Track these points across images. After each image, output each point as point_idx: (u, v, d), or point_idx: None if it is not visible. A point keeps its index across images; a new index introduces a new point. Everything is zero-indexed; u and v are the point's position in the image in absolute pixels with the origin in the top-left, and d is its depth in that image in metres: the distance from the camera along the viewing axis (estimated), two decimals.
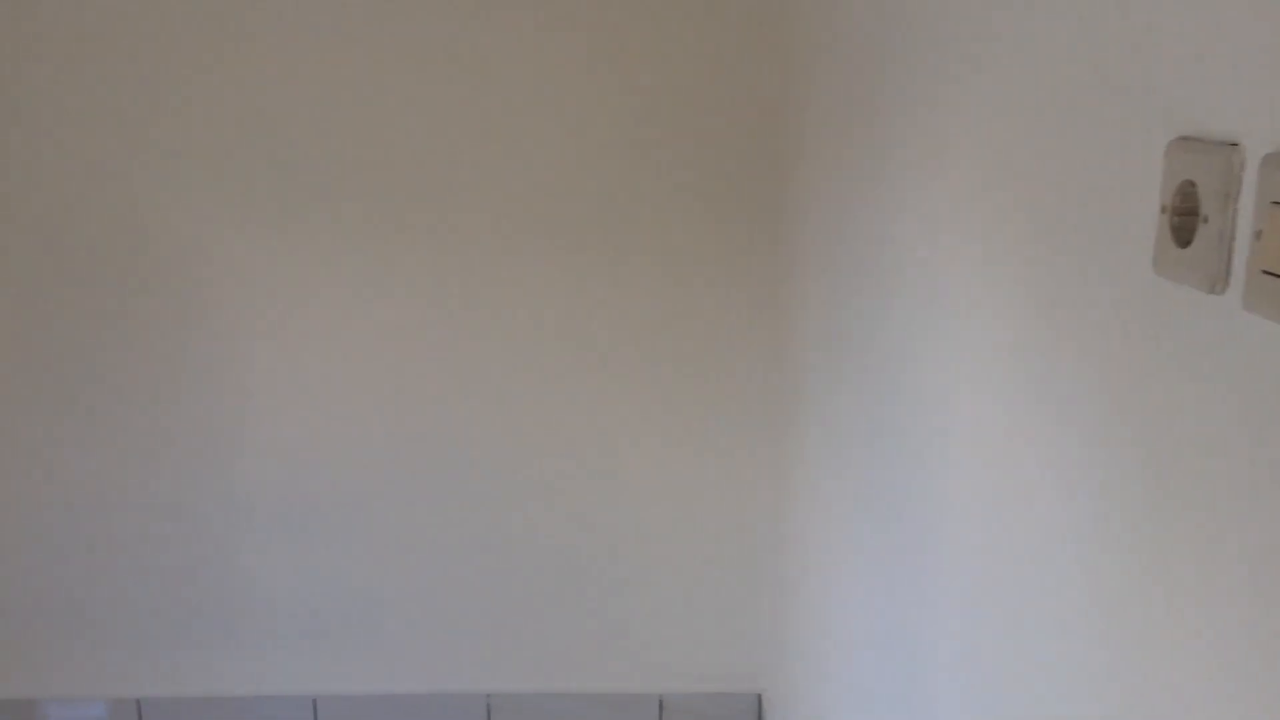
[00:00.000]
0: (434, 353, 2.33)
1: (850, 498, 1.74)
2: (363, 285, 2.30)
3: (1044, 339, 0.96)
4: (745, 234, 2.28)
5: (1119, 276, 0.82)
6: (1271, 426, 0.64)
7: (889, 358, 1.48)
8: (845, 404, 1.75)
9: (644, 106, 2.23)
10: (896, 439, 1.45)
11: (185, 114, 2.22)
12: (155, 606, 2.46)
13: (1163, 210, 0.74)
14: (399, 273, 2.29)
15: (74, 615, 2.46)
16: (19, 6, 2.16)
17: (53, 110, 2.21)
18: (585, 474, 2.39)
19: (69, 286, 2.29)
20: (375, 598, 2.46)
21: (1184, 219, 0.71)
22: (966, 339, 1.17)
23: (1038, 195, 0.97)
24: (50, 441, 2.37)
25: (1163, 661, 0.77)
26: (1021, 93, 1.00)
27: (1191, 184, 0.71)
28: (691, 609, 2.46)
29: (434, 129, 2.23)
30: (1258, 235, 0.63)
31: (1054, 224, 0.94)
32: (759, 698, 2.49)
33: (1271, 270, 0.61)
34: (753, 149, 2.24)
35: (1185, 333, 0.73)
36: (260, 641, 2.48)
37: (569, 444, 2.38)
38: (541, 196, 2.26)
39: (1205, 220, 0.69)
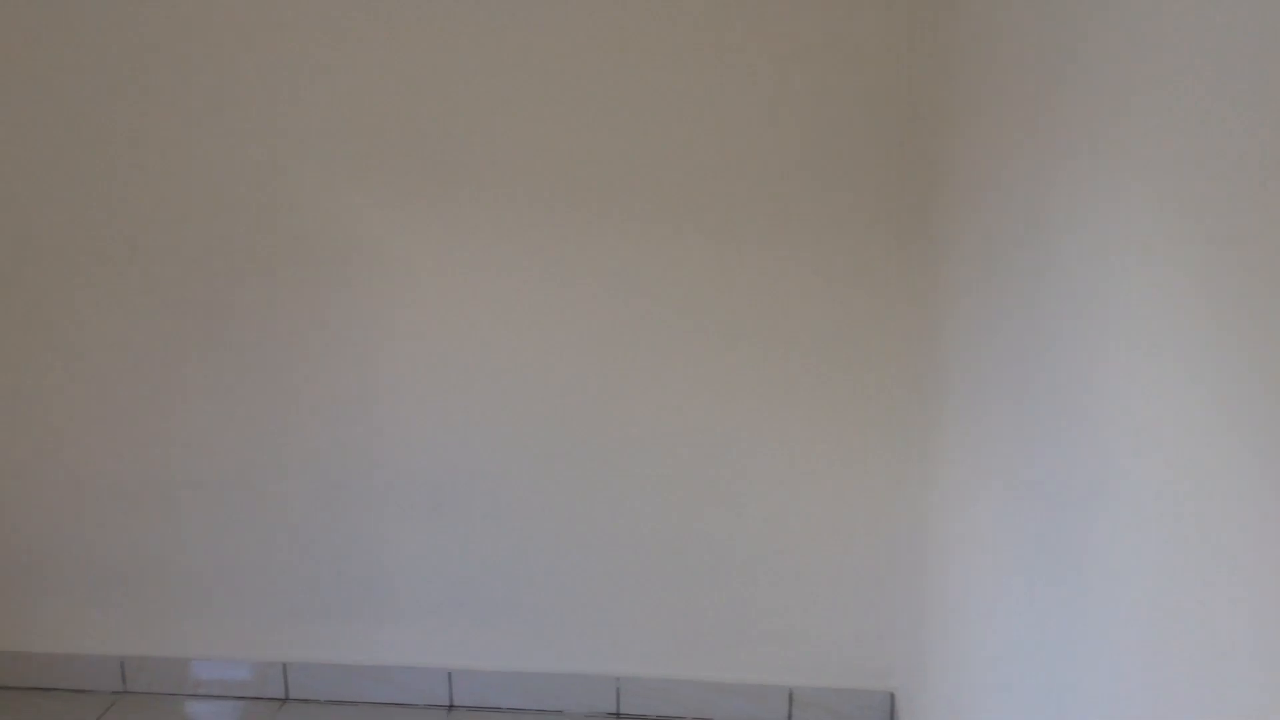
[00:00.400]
0: (576, 337, 2.36)
1: (997, 496, 1.69)
2: (507, 269, 2.34)
3: (1226, 338, 0.92)
4: (888, 229, 2.24)
5: None
6: None
7: (1047, 355, 1.43)
8: (993, 401, 1.70)
9: (790, 99, 2.21)
10: (1054, 439, 1.41)
11: (337, 99, 2.29)
12: (302, 576, 2.55)
13: None
14: (542, 258, 2.33)
15: (225, 582, 2.58)
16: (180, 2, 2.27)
17: (211, 100, 2.31)
18: (724, 464, 2.39)
19: (221, 273, 2.39)
20: (511, 576, 2.50)
21: None
22: (1140, 337, 1.13)
23: (1224, 201, 0.92)
24: (208, 420, 2.48)
25: None
26: (1217, 102, 0.96)
27: None
28: (825, 603, 2.44)
29: (578, 118, 2.26)
30: None
31: (1232, 232, 0.89)
32: (891, 696, 2.45)
33: None
34: (899, 146, 2.20)
35: None
36: (400, 614, 2.55)
37: (709, 433, 2.38)
38: (688, 184, 2.27)
39: None
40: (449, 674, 2.57)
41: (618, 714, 2.53)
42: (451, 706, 2.58)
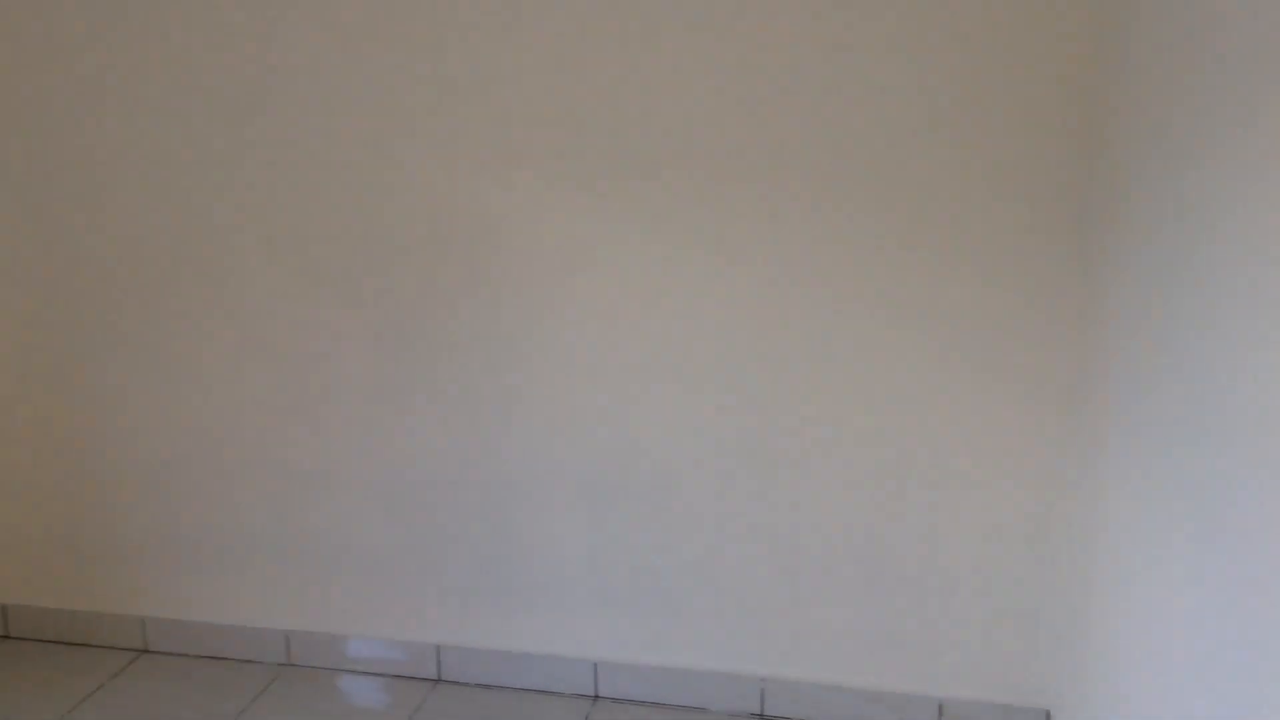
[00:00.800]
0: (739, 333, 2.37)
1: (1169, 511, 1.62)
2: (676, 261, 2.36)
3: None
4: (1059, 237, 2.17)
5: None
6: None
7: (1229, 365, 1.37)
8: (1166, 414, 1.63)
9: (968, 98, 2.17)
10: (1244, 449, 1.34)
11: (501, 89, 2.35)
12: (459, 561, 2.63)
13: None
14: (713, 252, 2.34)
15: (385, 563, 2.67)
16: (367, 12, 2.36)
17: (378, 94, 2.40)
18: (882, 470, 2.36)
19: (383, 265, 2.48)
20: (662, 571, 2.52)
21: None
22: None
23: None
24: (371, 408, 2.58)
25: None
26: None
27: None
28: (980, 615, 2.38)
29: (748, 109, 2.26)
30: None
31: None
32: (1046, 714, 2.37)
33: None
34: (1075, 152, 2.13)
35: None
36: (550, 604, 2.60)
37: (869, 438, 2.35)
38: (865, 180, 2.24)
39: None
40: (595, 665, 2.61)
41: (761, 715, 2.52)
42: (596, 697, 2.61)
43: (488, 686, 2.67)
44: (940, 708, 2.43)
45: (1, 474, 2.84)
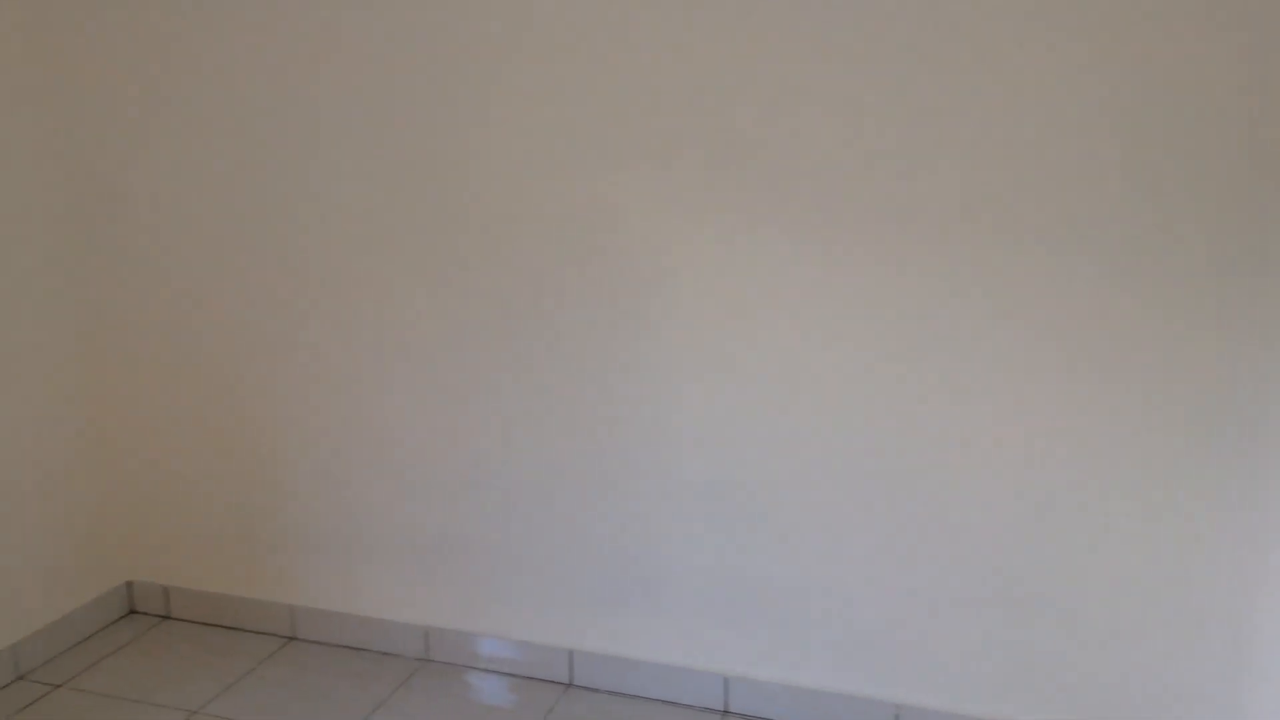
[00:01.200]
0: (873, 348, 2.34)
1: None
2: (801, 272, 2.35)
3: None
4: (1230, 272, 2.08)
5: None
6: None
7: None
8: None
9: (1164, 128, 2.10)
10: None
11: (658, 108, 2.37)
12: (594, 568, 2.66)
13: None
14: (841, 264, 2.32)
15: (523, 566, 2.73)
16: (488, 20, 2.42)
17: (535, 110, 2.45)
18: (1023, 498, 2.30)
19: (532, 277, 2.53)
20: (793, 589, 2.51)
21: None
22: None
23: None
24: (517, 416, 2.64)
25: None
26: None
27: None
28: (1128, 651, 2.29)
29: (912, 129, 2.24)
30: None
31: None
32: None
33: None
34: (1249, 183, 2.04)
35: None
36: (682, 615, 2.62)
37: (1011, 465, 2.29)
38: (1039, 205, 2.19)
39: None
40: (725, 679, 2.61)
41: None
42: (725, 712, 2.62)
43: (618, 694, 2.70)
44: None
45: (171, 465, 3.00)
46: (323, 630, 2.96)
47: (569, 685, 2.74)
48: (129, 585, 3.13)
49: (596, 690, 2.72)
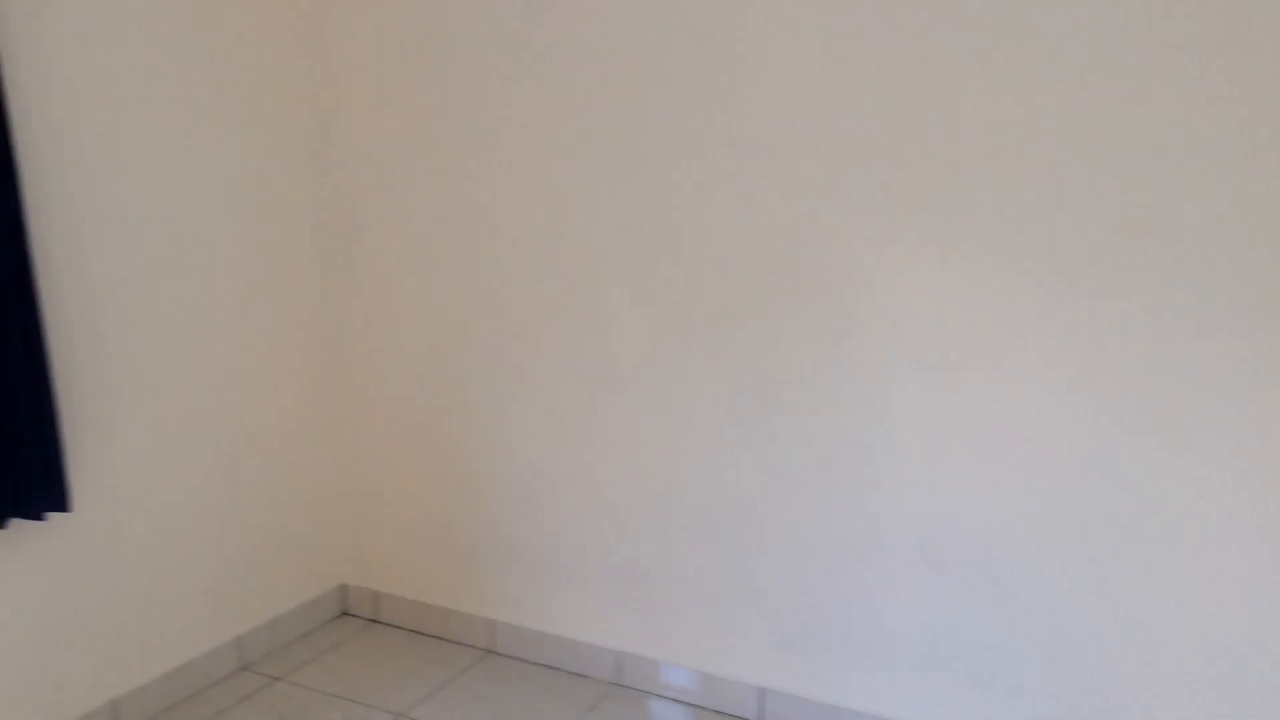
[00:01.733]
0: (1106, 405, 2.24)
1: None
2: (1048, 327, 2.28)
3: None
4: None
5: None
6: None
7: None
8: None
9: None
10: None
11: (869, 149, 2.36)
12: (794, 608, 2.65)
13: None
14: (1077, 319, 2.24)
15: (720, 599, 2.74)
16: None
17: (754, 146, 2.48)
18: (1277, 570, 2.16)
19: (742, 312, 2.55)
20: (1003, 649, 2.42)
21: None
22: None
23: None
24: (722, 448, 2.66)
25: None
26: None
27: None
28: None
29: (1169, 170, 2.15)
30: None
31: None
32: None
33: None
34: None
35: None
36: (883, 665, 2.57)
37: (1259, 532, 2.16)
38: (1261, 256, 2.08)
39: None
40: None
41: None
42: None
43: None
44: None
45: (389, 478, 3.18)
46: (519, 645, 3.05)
47: None
48: (343, 588, 3.32)
49: None
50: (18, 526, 2.40)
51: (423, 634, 3.20)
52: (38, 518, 2.35)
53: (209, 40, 2.71)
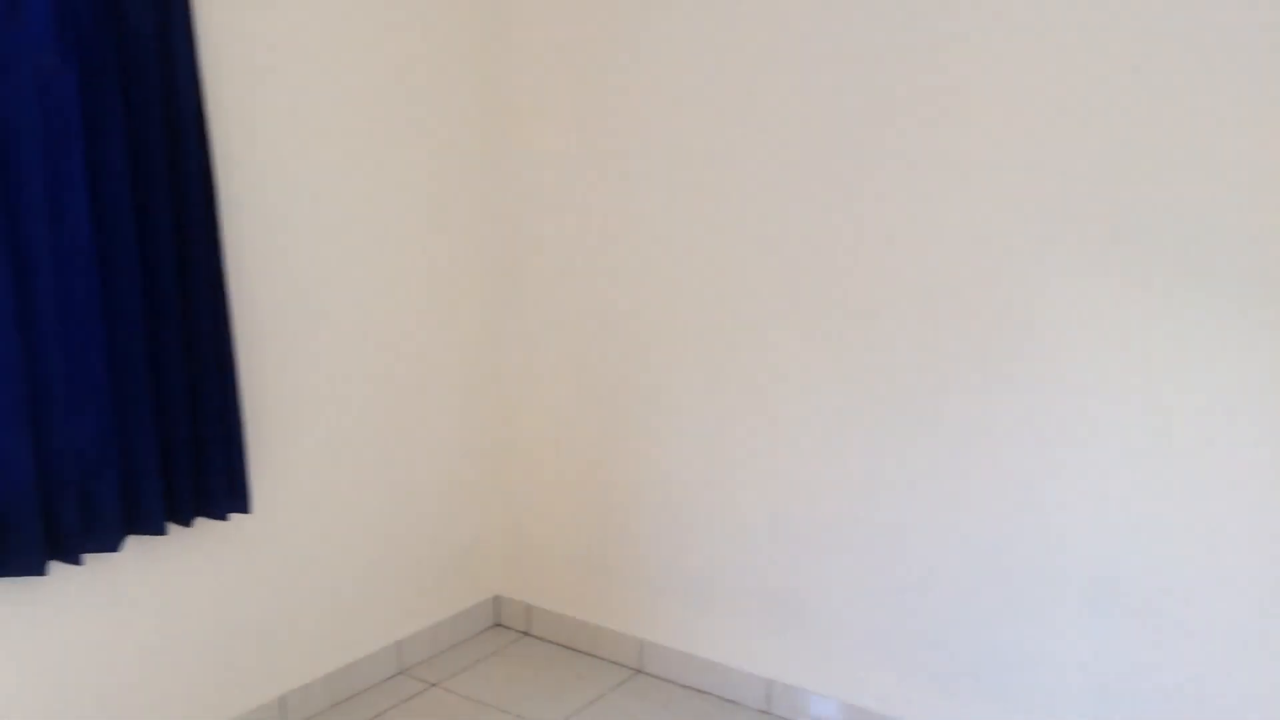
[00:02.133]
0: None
1: None
2: (1215, 351, 2.16)
3: None
4: None
5: None
6: None
7: None
8: None
9: None
10: None
11: (1048, 171, 2.29)
12: (947, 646, 2.57)
13: None
14: (1261, 342, 2.12)
15: (867, 632, 2.68)
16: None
17: (937, 169, 2.43)
18: None
19: (909, 336, 2.50)
20: (1175, 691, 2.30)
21: None
22: None
23: None
24: (875, 476, 2.61)
25: None
26: None
27: None
28: None
29: None
30: None
31: None
32: None
33: None
34: None
35: None
36: (1039, 706, 2.46)
37: None
38: None
39: None
40: None
41: None
42: None
43: None
44: None
45: (546, 495, 3.23)
46: (668, 667, 3.05)
47: None
48: (496, 599, 3.39)
49: None
50: (201, 525, 2.54)
51: (572, 649, 3.23)
52: (221, 517, 2.48)
53: (396, 63, 2.83)
